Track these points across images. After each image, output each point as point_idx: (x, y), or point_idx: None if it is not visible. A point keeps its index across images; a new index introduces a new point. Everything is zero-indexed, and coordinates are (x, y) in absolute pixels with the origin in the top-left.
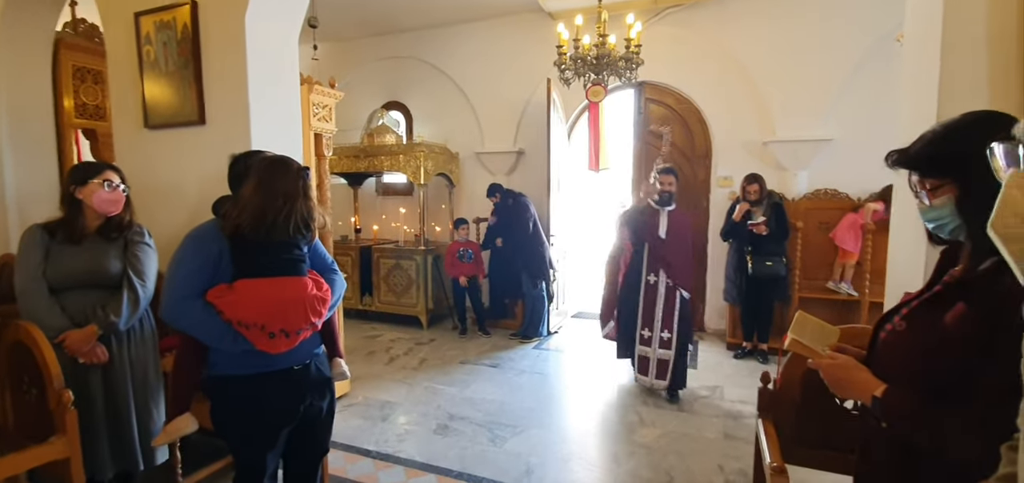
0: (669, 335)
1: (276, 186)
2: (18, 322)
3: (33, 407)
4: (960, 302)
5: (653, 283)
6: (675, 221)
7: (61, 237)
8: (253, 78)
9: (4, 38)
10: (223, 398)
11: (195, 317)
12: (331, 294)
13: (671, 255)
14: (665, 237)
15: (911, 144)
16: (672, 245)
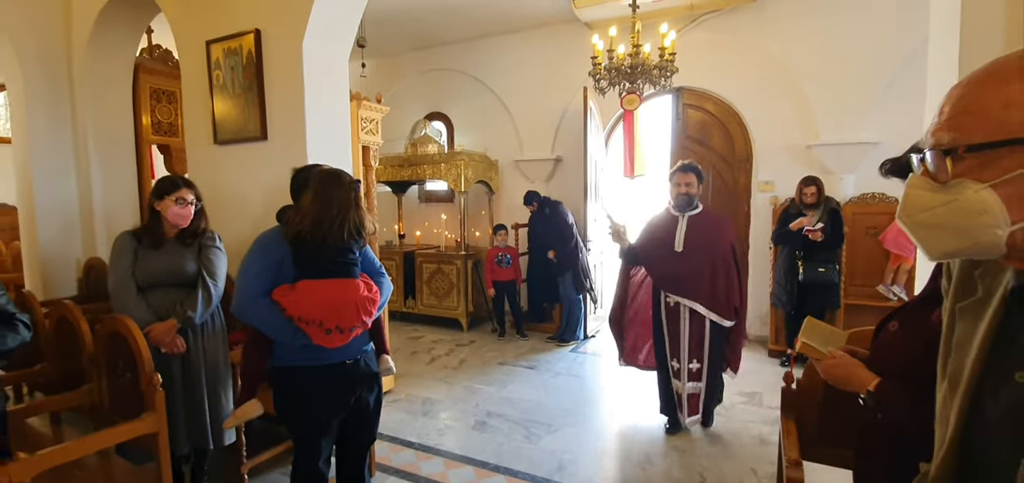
0: (699, 366)
1: (331, 196)
2: (115, 315)
3: (126, 389)
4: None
5: (674, 306)
6: (700, 228)
7: (146, 242)
8: (309, 97)
9: (91, 65)
10: (284, 387)
11: (261, 313)
12: (379, 296)
13: (689, 272)
14: (682, 250)
15: (901, 154)
16: (691, 259)
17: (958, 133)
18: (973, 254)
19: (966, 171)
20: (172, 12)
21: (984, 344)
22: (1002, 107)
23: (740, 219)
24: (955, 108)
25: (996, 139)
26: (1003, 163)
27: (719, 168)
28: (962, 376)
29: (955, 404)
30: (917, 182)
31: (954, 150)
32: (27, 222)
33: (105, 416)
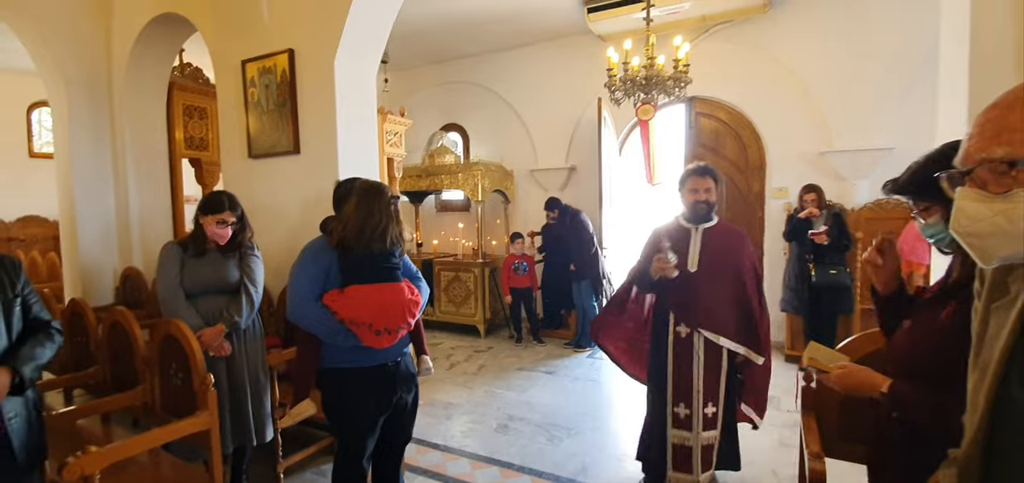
0: (714, 409)
1: (372, 206)
2: (170, 320)
3: (178, 390)
4: (952, 301)
5: (686, 337)
6: (718, 244)
7: (190, 252)
8: (340, 113)
9: (129, 85)
10: (333, 387)
11: (314, 317)
12: (421, 298)
13: (708, 296)
14: (698, 269)
15: (901, 174)
16: (710, 281)
17: (1012, 147)
18: (1016, 259)
19: (1020, 182)
20: (209, 33)
21: (1013, 336)
22: None
23: (755, 226)
24: (1002, 125)
25: None
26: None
27: (733, 176)
28: (991, 365)
29: (984, 390)
30: (969, 194)
31: (1017, 162)
32: (68, 233)
33: (156, 415)
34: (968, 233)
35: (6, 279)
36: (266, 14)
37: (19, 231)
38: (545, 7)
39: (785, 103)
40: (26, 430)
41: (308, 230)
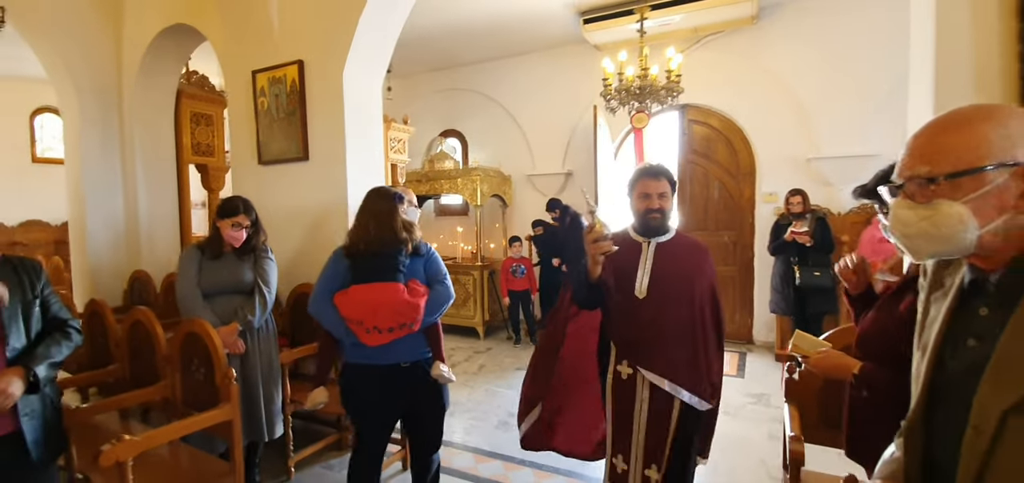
0: (658, 477)
1: (373, 208)
2: (193, 319)
3: (199, 384)
4: (910, 294)
5: (628, 378)
6: (673, 263)
7: (208, 254)
8: (348, 121)
9: (139, 92)
10: (346, 381)
11: (327, 315)
12: (427, 300)
13: (655, 329)
14: (646, 296)
15: (869, 180)
16: (659, 310)
17: (933, 166)
18: (950, 254)
19: (940, 194)
20: (219, 44)
21: (946, 320)
22: (965, 148)
23: (746, 230)
24: (927, 148)
25: (963, 169)
26: (966, 186)
27: (724, 181)
28: (930, 345)
29: (924, 366)
30: (901, 204)
31: (935, 179)
32: (78, 237)
33: (177, 409)
34: (902, 235)
35: (26, 281)
36: (276, 26)
37: (22, 235)
38: (543, 18)
39: (774, 111)
40: (41, 427)
41: (317, 234)
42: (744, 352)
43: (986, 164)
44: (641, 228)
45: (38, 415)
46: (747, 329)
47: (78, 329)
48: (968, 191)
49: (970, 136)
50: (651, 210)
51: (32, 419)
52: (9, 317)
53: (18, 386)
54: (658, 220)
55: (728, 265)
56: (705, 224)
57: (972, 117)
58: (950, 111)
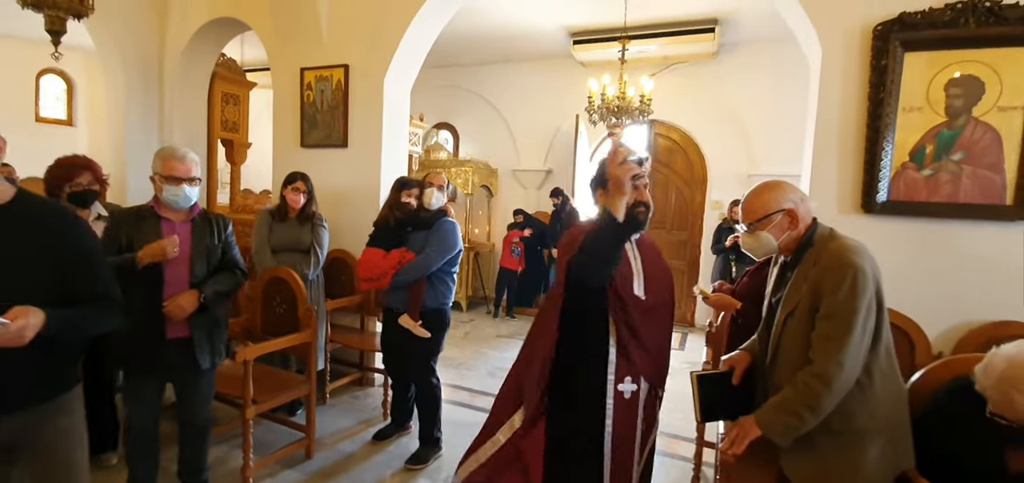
0: None
1: (390, 195)
2: (279, 267)
3: (279, 317)
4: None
5: (632, 397)
6: (655, 260)
7: (276, 217)
8: (384, 117)
9: (180, 73)
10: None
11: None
12: (407, 265)
13: (658, 336)
14: (646, 297)
15: (726, 239)
16: (658, 311)
17: (750, 218)
18: (768, 253)
19: (757, 228)
20: (268, 40)
21: (774, 282)
22: (762, 206)
23: (696, 231)
24: (747, 209)
25: (762, 217)
26: (765, 223)
27: (680, 187)
28: (767, 294)
29: (765, 305)
30: (744, 235)
31: (752, 224)
32: (118, 196)
33: (257, 336)
34: (747, 248)
35: (215, 229)
36: (325, 33)
37: None
38: (538, 33)
39: (725, 131)
40: (205, 337)
41: (350, 209)
42: (686, 332)
43: (771, 212)
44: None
45: (204, 328)
46: (690, 314)
47: (244, 272)
48: (767, 225)
49: (764, 200)
50: (640, 204)
51: (199, 330)
52: (197, 255)
53: (192, 303)
54: (645, 214)
55: (679, 260)
56: (663, 224)
57: (764, 191)
58: (758, 185)
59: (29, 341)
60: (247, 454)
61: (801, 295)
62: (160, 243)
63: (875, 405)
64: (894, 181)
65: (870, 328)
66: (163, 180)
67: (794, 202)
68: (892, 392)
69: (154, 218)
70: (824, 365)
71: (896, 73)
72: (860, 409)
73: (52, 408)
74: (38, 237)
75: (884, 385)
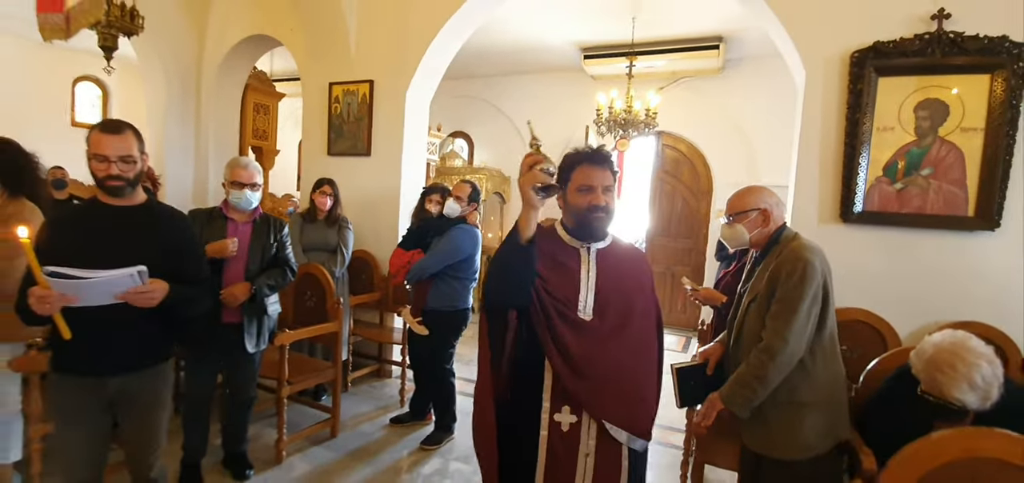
0: None
1: (418, 202)
2: (310, 264)
3: (310, 309)
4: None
5: (571, 429)
6: (618, 274)
7: (306, 219)
8: (406, 128)
9: (216, 85)
10: None
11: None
12: (415, 265)
13: (607, 361)
14: (591, 318)
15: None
16: (610, 334)
17: (731, 212)
18: (742, 246)
19: (735, 222)
20: (300, 56)
21: (747, 273)
22: (741, 204)
23: (701, 240)
24: (730, 206)
25: (739, 212)
26: (741, 218)
27: (686, 197)
28: (745, 297)
29: (732, 309)
30: (725, 227)
31: (730, 217)
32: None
33: (291, 326)
34: (726, 240)
35: (272, 230)
36: (353, 50)
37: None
38: (551, 48)
39: (729, 143)
40: (255, 325)
41: (373, 212)
42: (691, 336)
43: (748, 209)
44: (578, 230)
45: (253, 316)
46: (695, 319)
47: (294, 270)
48: (743, 220)
49: (744, 199)
50: (595, 208)
51: (249, 318)
52: (253, 252)
53: (244, 293)
54: (602, 220)
55: (684, 266)
56: (668, 231)
57: (746, 192)
58: (742, 188)
59: (156, 304)
60: (281, 429)
61: (762, 284)
62: (223, 242)
63: (816, 382)
64: (869, 193)
65: (815, 314)
66: (230, 185)
67: (769, 205)
68: (832, 372)
69: (222, 218)
70: (771, 340)
71: (871, 96)
72: (802, 384)
73: (149, 374)
74: (163, 231)
75: (825, 366)
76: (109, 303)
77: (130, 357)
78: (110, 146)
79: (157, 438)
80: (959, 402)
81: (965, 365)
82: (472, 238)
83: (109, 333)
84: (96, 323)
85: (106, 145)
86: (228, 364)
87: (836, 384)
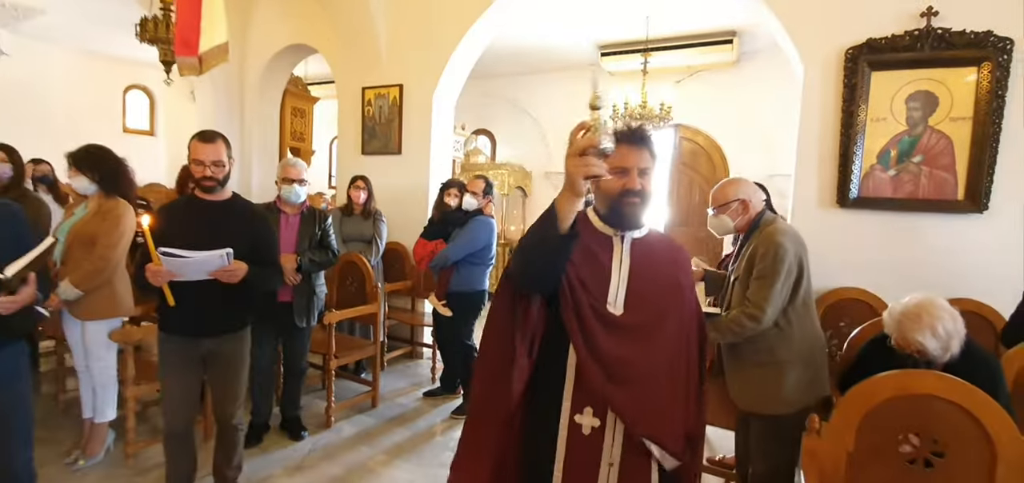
0: None
1: (437, 195)
2: (350, 252)
3: (352, 293)
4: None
5: (593, 433)
6: (654, 267)
7: (344, 213)
8: (433, 128)
9: (259, 93)
10: None
11: None
12: (438, 255)
13: (640, 362)
14: (623, 313)
15: None
16: (644, 335)
17: (715, 204)
18: (728, 232)
19: (719, 213)
20: (335, 63)
21: (732, 261)
22: (723, 196)
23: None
24: (713, 197)
25: (722, 204)
26: (725, 209)
27: (704, 188)
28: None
29: (723, 285)
30: (711, 217)
31: (715, 209)
32: None
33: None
34: (710, 227)
35: (316, 220)
36: (384, 57)
37: (144, 194)
38: (569, 46)
39: (745, 134)
40: (304, 304)
41: (403, 206)
42: None
43: (730, 200)
44: (611, 216)
45: (303, 296)
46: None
47: (335, 253)
48: (725, 210)
49: (725, 191)
50: (630, 192)
51: (299, 298)
52: (302, 238)
53: (291, 263)
54: (637, 206)
55: (701, 255)
56: (687, 221)
57: (726, 185)
58: (723, 181)
59: (238, 281)
60: (329, 398)
61: (742, 264)
62: None
63: (792, 342)
64: (864, 180)
65: (789, 286)
66: (282, 181)
67: (747, 194)
68: (808, 333)
69: (276, 211)
70: (751, 308)
71: (864, 89)
72: (780, 345)
73: (232, 338)
74: (245, 222)
75: (801, 328)
76: (203, 279)
77: (218, 323)
78: (205, 152)
79: (238, 390)
80: (920, 346)
81: (929, 316)
82: (489, 228)
83: (202, 303)
84: (193, 294)
85: (202, 152)
86: (284, 338)
87: (814, 344)
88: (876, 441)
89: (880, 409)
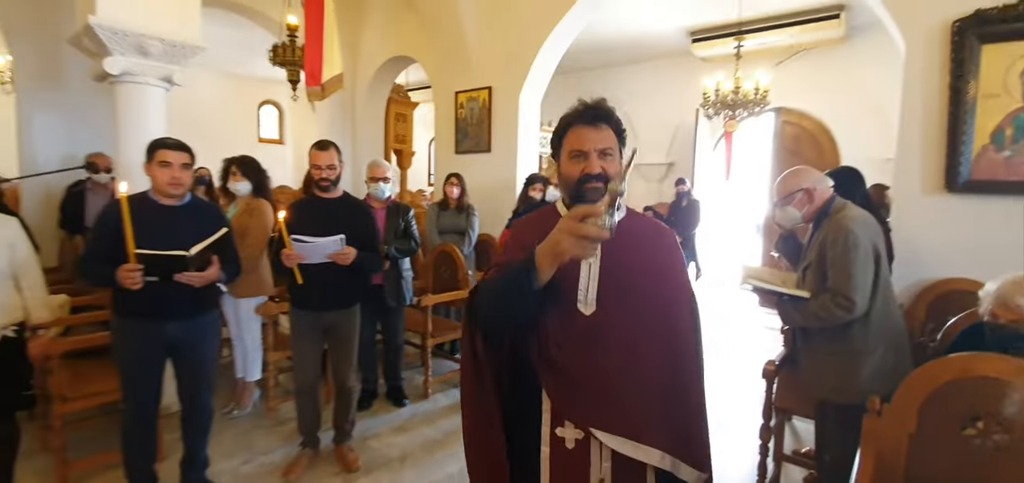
0: None
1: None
2: (443, 244)
3: (445, 281)
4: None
5: (577, 446)
6: (632, 256)
7: (441, 208)
8: (520, 127)
9: (366, 102)
10: None
11: None
12: None
13: (611, 365)
14: (599, 308)
15: None
16: (622, 333)
17: (780, 196)
18: (797, 223)
19: (785, 204)
20: (431, 70)
21: (807, 242)
22: (787, 187)
23: None
24: (778, 190)
25: (787, 194)
26: (791, 199)
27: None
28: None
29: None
30: (777, 211)
31: (780, 200)
32: None
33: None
34: (776, 220)
35: (399, 213)
36: (474, 61)
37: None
38: (659, 35)
39: (858, 116)
40: (393, 288)
41: (493, 201)
42: None
43: (793, 191)
44: (574, 205)
45: (392, 280)
46: None
47: (417, 241)
48: (789, 201)
49: (788, 183)
50: (589, 177)
51: (389, 282)
52: (388, 229)
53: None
54: (599, 192)
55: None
56: None
57: (789, 175)
58: (785, 172)
59: (350, 263)
60: (427, 372)
61: (813, 252)
62: None
63: (868, 331)
64: (975, 162)
65: (871, 271)
66: (370, 180)
67: (811, 182)
68: (887, 322)
69: (367, 206)
70: (840, 297)
71: (974, 64)
72: (855, 334)
73: (346, 312)
74: (353, 215)
75: (878, 317)
76: (323, 262)
77: (335, 299)
78: (321, 158)
79: (352, 358)
80: (1019, 309)
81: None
82: None
83: (323, 282)
84: (316, 275)
85: (318, 158)
86: (381, 317)
87: (893, 332)
88: (939, 423)
89: (944, 390)
